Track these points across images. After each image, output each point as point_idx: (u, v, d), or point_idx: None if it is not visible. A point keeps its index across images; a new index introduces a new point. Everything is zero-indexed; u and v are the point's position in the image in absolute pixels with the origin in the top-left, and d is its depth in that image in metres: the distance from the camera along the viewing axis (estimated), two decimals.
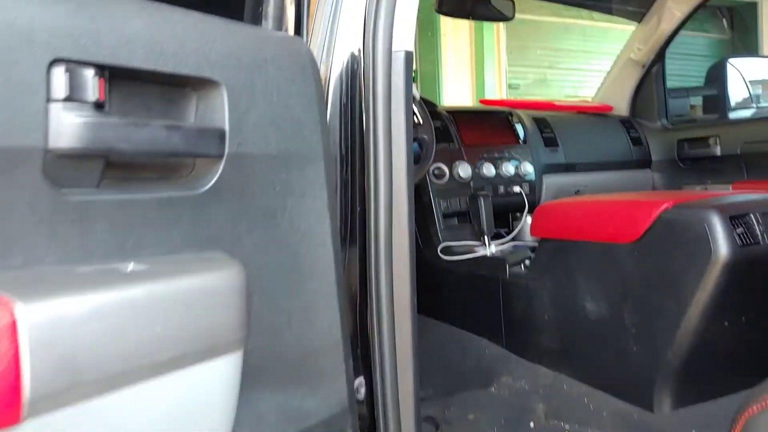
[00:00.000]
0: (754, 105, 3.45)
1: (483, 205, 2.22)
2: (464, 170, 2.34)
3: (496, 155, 2.47)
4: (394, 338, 1.02)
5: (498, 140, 2.52)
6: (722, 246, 1.48)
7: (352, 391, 0.89)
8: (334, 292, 0.86)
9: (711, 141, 2.70)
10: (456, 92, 6.24)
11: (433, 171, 2.29)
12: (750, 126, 2.83)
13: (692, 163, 2.79)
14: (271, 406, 0.76)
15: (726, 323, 1.58)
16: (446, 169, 2.33)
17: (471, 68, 6.33)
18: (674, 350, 1.60)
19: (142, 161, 0.69)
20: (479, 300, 2.17)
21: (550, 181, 2.59)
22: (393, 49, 1.02)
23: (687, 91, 3.27)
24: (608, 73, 3.04)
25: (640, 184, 2.85)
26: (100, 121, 0.62)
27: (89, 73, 0.62)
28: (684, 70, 6.63)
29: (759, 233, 1.53)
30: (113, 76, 0.65)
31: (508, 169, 2.45)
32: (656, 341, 1.64)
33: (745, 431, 0.74)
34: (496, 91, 6.39)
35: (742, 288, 1.54)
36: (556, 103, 3.02)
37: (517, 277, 2.03)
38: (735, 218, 1.51)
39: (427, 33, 6.20)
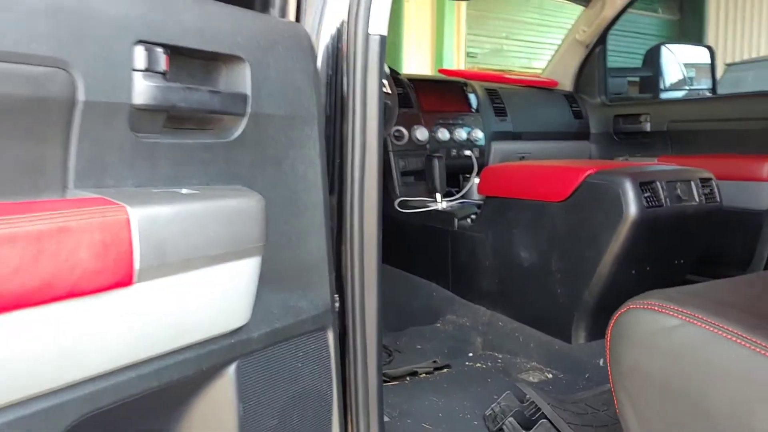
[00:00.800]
0: (687, 87, 3.79)
1: (437, 165, 2.50)
2: (422, 134, 2.61)
3: (450, 121, 2.74)
4: (363, 264, 1.29)
5: (453, 108, 2.79)
6: (632, 207, 1.79)
7: (333, 298, 1.17)
8: (322, 223, 1.13)
9: (642, 118, 3.02)
10: (416, 59, 6.47)
11: (393, 133, 2.55)
12: (677, 105, 3.16)
13: (625, 136, 3.11)
14: (275, 302, 1.03)
15: (633, 271, 1.90)
16: (405, 132, 2.59)
17: (431, 36, 6.56)
18: (590, 292, 1.92)
19: (190, 116, 0.93)
20: (430, 249, 2.46)
21: (498, 147, 2.88)
22: (369, 33, 1.27)
23: (625, 71, 3.59)
24: (556, 51, 3.33)
25: (579, 153, 3.16)
26: (166, 85, 0.87)
27: (159, 51, 0.86)
28: (633, 48, 6.97)
29: (663, 198, 1.84)
30: (173, 52, 0.89)
31: (461, 134, 2.73)
32: (576, 285, 1.95)
33: (615, 327, 1.04)
34: (454, 59, 6.64)
35: (647, 242, 1.85)
36: (507, 76, 3.29)
37: (464, 230, 2.32)
38: (644, 184, 1.83)
39: None
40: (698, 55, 3.86)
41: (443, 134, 2.68)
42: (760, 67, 5.89)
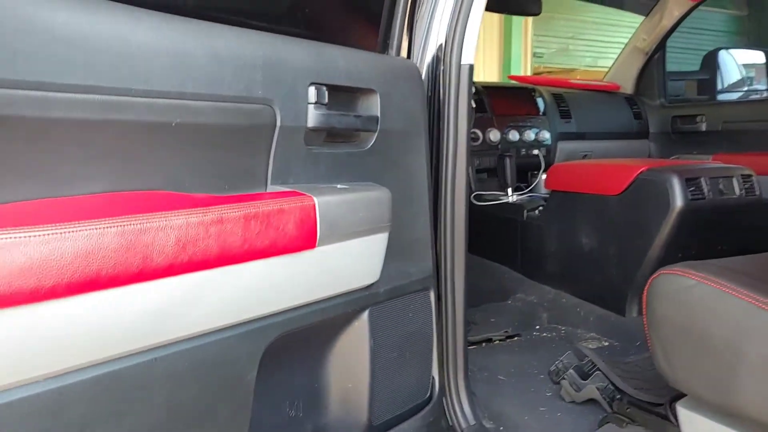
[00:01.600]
0: (747, 87, 4.01)
1: (508, 164, 2.85)
2: (494, 135, 2.96)
3: (520, 124, 3.08)
4: (454, 242, 1.66)
5: (522, 111, 3.13)
6: (678, 199, 2.11)
7: (434, 267, 1.55)
8: (427, 210, 1.51)
9: (698, 119, 3.29)
10: (484, 63, 6.78)
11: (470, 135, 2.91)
12: (731, 107, 3.41)
13: (682, 135, 3.38)
14: (394, 267, 1.40)
15: (679, 254, 2.20)
16: (480, 134, 2.95)
17: (499, 39, 6.86)
18: (641, 273, 2.24)
19: (341, 133, 1.32)
20: (502, 236, 2.81)
21: (563, 147, 3.20)
22: (462, 63, 1.63)
23: (684, 75, 3.84)
24: (617, 57, 3.61)
25: (639, 152, 3.44)
26: (327, 113, 1.25)
27: (324, 89, 1.24)
28: (700, 45, 7.09)
29: (705, 191, 2.15)
30: (331, 89, 1.27)
31: (530, 135, 3.06)
32: (629, 267, 2.28)
33: (650, 288, 1.38)
34: (522, 59, 6.92)
35: (691, 230, 2.16)
36: (572, 81, 3.60)
37: (532, 219, 2.66)
38: (689, 180, 2.13)
39: None
40: (757, 56, 4.07)
41: (513, 135, 3.02)
42: None
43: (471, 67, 1.65)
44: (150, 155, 1.00)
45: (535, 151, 3.05)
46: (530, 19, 6.89)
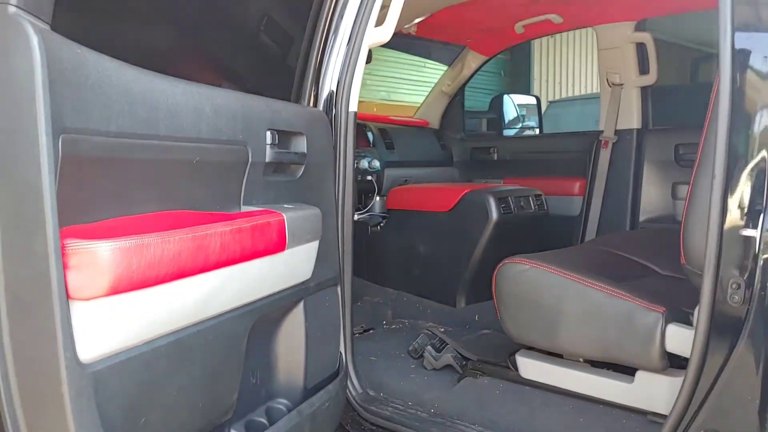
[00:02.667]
0: (521, 123, 4.95)
1: None
2: None
3: (355, 154, 3.61)
4: (344, 250, 2.13)
5: (357, 144, 3.67)
6: (494, 213, 2.77)
7: (340, 269, 2.01)
8: (335, 223, 1.97)
9: (491, 150, 4.07)
10: None
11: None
12: (516, 140, 4.27)
13: (480, 163, 4.15)
14: (317, 267, 1.84)
15: (495, 255, 2.86)
16: None
17: None
18: (467, 272, 2.87)
19: (282, 167, 1.74)
20: None
21: (389, 173, 3.78)
22: (349, 110, 2.12)
23: (477, 114, 4.66)
24: (425, 98, 4.32)
25: (446, 177, 4.15)
26: (277, 151, 1.67)
27: (275, 133, 1.67)
28: (473, 82, 8.26)
29: (512, 207, 2.84)
30: (279, 132, 1.69)
31: (364, 164, 3.61)
32: (458, 267, 2.90)
33: (498, 273, 1.97)
34: None
35: (503, 236, 2.84)
36: (392, 118, 4.23)
37: (375, 234, 3.21)
38: (500, 199, 2.81)
39: None
40: (529, 99, 5.04)
41: None
42: (573, 105, 7.34)
43: (355, 114, 2.14)
44: (181, 183, 1.37)
45: (369, 177, 3.60)
46: None
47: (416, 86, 8.46)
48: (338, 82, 2.09)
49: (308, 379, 1.81)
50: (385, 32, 2.07)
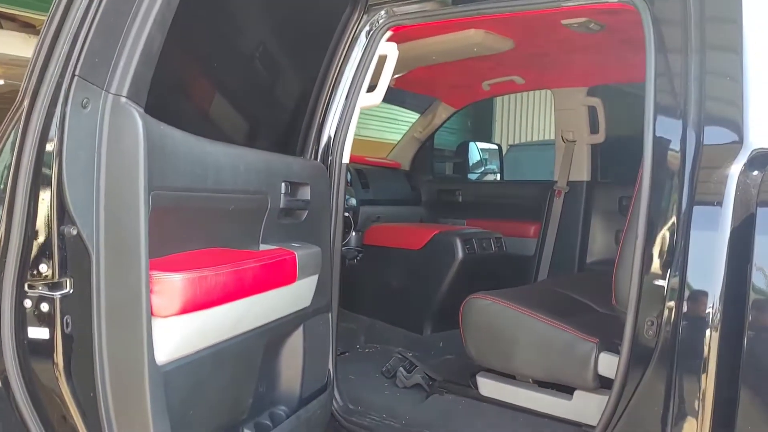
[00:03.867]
0: (484, 167, 5.38)
1: None
2: None
3: None
4: (332, 281, 2.49)
5: None
6: (460, 253, 3.16)
7: (333, 296, 2.36)
8: (328, 257, 2.33)
9: (456, 193, 4.48)
10: None
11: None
12: (479, 185, 4.69)
13: (445, 204, 4.54)
14: (315, 297, 2.18)
15: (459, 290, 3.25)
16: None
17: None
18: (434, 303, 3.25)
19: (291, 210, 2.09)
20: None
21: (364, 210, 4.14)
22: (342, 162, 2.49)
23: (445, 158, 5.08)
24: (398, 142, 4.72)
25: (415, 215, 4.53)
26: (288, 198, 2.03)
27: (288, 184, 2.02)
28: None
29: (475, 248, 3.23)
30: (290, 183, 2.05)
31: None
32: (425, 299, 3.27)
33: (464, 307, 2.35)
34: None
35: (466, 274, 3.23)
36: (368, 159, 4.61)
37: (352, 266, 3.57)
38: (465, 240, 3.21)
39: None
40: (491, 146, 5.50)
41: None
42: (530, 149, 7.87)
43: (347, 165, 2.51)
44: (220, 226, 1.72)
45: (347, 213, 3.95)
46: None
47: (385, 123, 8.91)
48: (334, 139, 2.46)
49: (304, 390, 2.15)
50: (376, 97, 2.45)
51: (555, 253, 3.90)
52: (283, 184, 2.00)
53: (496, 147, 5.26)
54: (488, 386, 2.40)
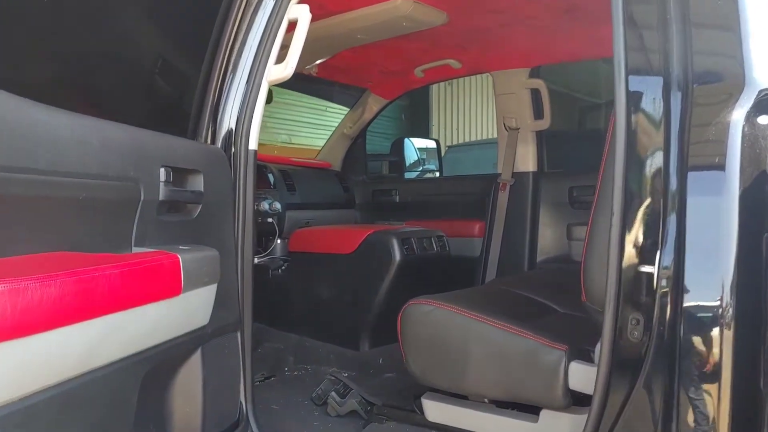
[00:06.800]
0: (422, 167, 5.01)
1: None
2: None
3: (256, 195, 3.53)
4: (243, 294, 2.04)
5: (258, 185, 3.58)
6: (397, 255, 2.75)
7: (240, 312, 1.92)
8: (234, 267, 1.89)
9: (393, 192, 4.09)
10: None
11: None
12: (417, 183, 4.31)
13: (382, 205, 4.15)
14: (215, 312, 1.74)
15: (399, 297, 2.84)
16: None
17: None
18: (371, 314, 2.83)
19: (177, 206, 1.65)
20: None
21: (291, 215, 3.71)
22: (249, 148, 2.06)
23: (379, 157, 4.69)
24: (327, 140, 4.31)
25: (349, 219, 4.12)
26: (172, 189, 1.59)
27: (169, 170, 1.58)
28: (374, 127, 8.36)
29: (415, 248, 2.83)
30: (173, 169, 1.61)
31: (264, 206, 3.52)
32: (361, 310, 2.85)
33: (403, 315, 1.94)
34: None
35: (406, 279, 2.82)
36: (294, 159, 4.18)
37: (276, 277, 3.12)
38: (404, 240, 2.80)
39: None
40: (429, 143, 5.13)
41: None
42: (471, 149, 7.56)
43: (255, 152, 2.08)
44: (65, 222, 1.27)
45: (270, 219, 3.52)
46: None
47: (318, 130, 8.47)
48: (237, 119, 2.02)
49: (206, 430, 1.70)
50: (286, 70, 2.03)
51: (503, 252, 3.55)
52: (162, 170, 1.55)
53: (433, 143, 4.89)
54: (436, 410, 1.99)
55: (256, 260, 3.21)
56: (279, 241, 3.36)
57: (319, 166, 4.18)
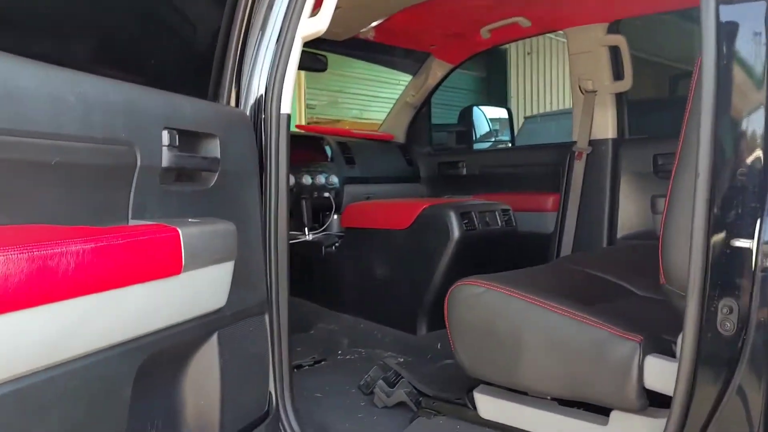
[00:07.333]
0: (493, 138, 4.71)
1: (305, 205, 3.10)
2: (290, 180, 3.20)
3: (312, 169, 3.35)
4: (278, 273, 1.85)
5: (314, 158, 3.41)
6: (455, 230, 2.50)
7: (268, 294, 1.73)
8: (260, 242, 1.69)
9: (460, 164, 3.82)
10: None
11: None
12: (485, 154, 4.01)
13: (448, 179, 3.89)
14: (236, 294, 1.55)
15: (458, 277, 2.59)
16: None
17: None
18: (428, 295, 2.59)
19: (188, 173, 1.46)
20: (301, 272, 3.03)
21: (349, 190, 3.52)
22: (281, 112, 1.85)
23: (445, 127, 4.42)
24: (390, 111, 4.07)
25: (413, 194, 3.89)
26: (179, 154, 1.40)
27: (175, 133, 1.39)
28: (448, 100, 8.04)
29: (476, 223, 2.57)
30: (179, 133, 1.42)
31: (321, 179, 3.34)
32: (418, 290, 2.62)
33: (449, 297, 1.69)
34: (296, 110, 7.29)
35: (466, 255, 2.57)
36: (354, 131, 3.97)
37: (330, 255, 2.93)
38: (463, 214, 2.54)
39: None
40: (501, 112, 4.81)
41: (307, 180, 3.27)
42: (549, 120, 7.14)
43: (288, 117, 1.87)
44: (31, 192, 1.09)
45: (326, 194, 3.33)
46: (303, 73, 7.31)
47: (389, 104, 8.24)
48: (268, 80, 1.82)
49: (225, 427, 1.52)
50: (321, 22, 1.81)
51: (579, 227, 3.22)
52: (165, 133, 1.36)
53: (505, 113, 4.57)
54: (489, 405, 1.74)
55: (310, 236, 3.05)
56: (336, 216, 3.17)
57: (380, 138, 3.96)
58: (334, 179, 3.41)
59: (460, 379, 2.10)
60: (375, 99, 8.27)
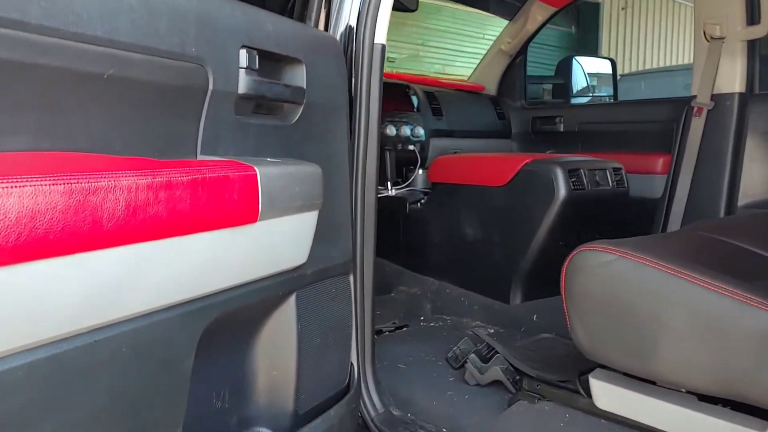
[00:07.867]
0: (591, 94, 4.33)
1: (388, 158, 2.85)
2: None
3: (396, 119, 3.08)
4: (364, 228, 1.62)
5: (398, 107, 3.14)
6: (562, 189, 2.20)
7: (354, 251, 1.49)
8: (348, 191, 1.46)
9: (557, 120, 3.47)
10: None
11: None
12: (585, 109, 3.66)
13: (542, 136, 3.55)
14: (317, 249, 1.32)
15: (561, 243, 2.31)
16: None
17: None
18: (525, 261, 2.32)
19: (268, 104, 1.23)
20: (381, 230, 2.80)
21: (435, 143, 3.24)
22: (375, 42, 1.60)
23: (542, 79, 4.06)
24: (482, 59, 3.75)
25: (503, 150, 3.59)
26: (259, 80, 1.17)
27: (254, 53, 1.16)
28: (536, 57, 7.60)
29: (585, 182, 2.27)
30: (261, 56, 1.19)
31: (406, 131, 3.08)
32: (514, 255, 2.35)
33: (569, 265, 1.42)
34: None
35: (572, 218, 2.27)
36: (442, 80, 3.68)
37: (415, 212, 2.68)
38: (571, 171, 2.24)
39: None
40: (601, 66, 4.40)
41: (391, 130, 3.01)
42: (648, 78, 6.61)
43: (383, 48, 1.62)
44: (78, 110, 0.87)
45: (411, 147, 3.07)
46: None
47: (473, 59, 7.85)
48: (361, 4, 1.57)
49: (301, 400, 1.31)
50: None
51: (692, 193, 2.86)
52: (243, 52, 1.13)
53: (608, 65, 4.16)
54: (608, 394, 1.47)
55: (393, 191, 2.81)
56: (421, 171, 2.92)
57: (470, 88, 3.65)
58: (420, 131, 3.14)
59: (564, 358, 1.84)
60: (459, 54, 7.90)
